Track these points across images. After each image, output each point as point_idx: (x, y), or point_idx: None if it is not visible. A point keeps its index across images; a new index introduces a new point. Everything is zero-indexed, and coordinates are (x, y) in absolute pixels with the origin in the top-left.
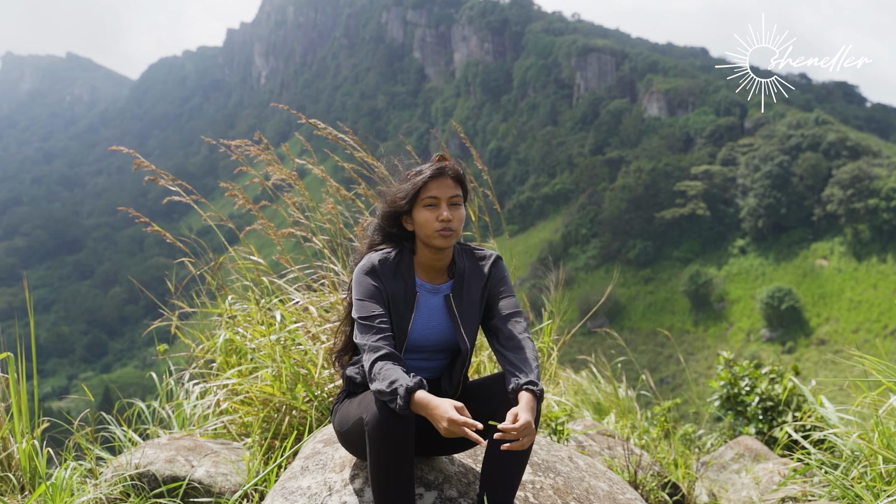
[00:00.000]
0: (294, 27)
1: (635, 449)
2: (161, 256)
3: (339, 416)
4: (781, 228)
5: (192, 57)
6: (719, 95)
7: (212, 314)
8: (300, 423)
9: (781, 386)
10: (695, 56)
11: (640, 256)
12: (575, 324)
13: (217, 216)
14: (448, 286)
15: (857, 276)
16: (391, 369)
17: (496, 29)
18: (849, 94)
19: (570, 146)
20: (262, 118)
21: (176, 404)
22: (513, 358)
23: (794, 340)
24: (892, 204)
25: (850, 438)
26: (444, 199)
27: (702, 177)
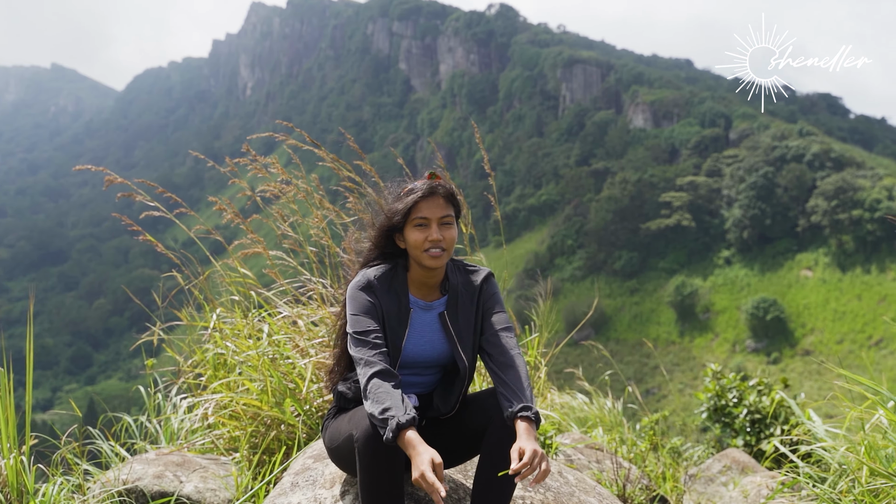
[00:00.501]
0: (280, 38)
1: (623, 462)
2: (146, 268)
3: (330, 433)
4: (766, 239)
5: (177, 68)
6: (704, 107)
7: (197, 327)
8: (288, 438)
9: (769, 398)
10: (680, 67)
11: (625, 267)
12: (561, 335)
13: (204, 228)
14: (441, 303)
15: (842, 286)
16: (386, 392)
17: (482, 40)
18: (832, 105)
19: (556, 157)
20: (247, 129)
21: (164, 419)
22: (505, 379)
23: (780, 351)
24: (875, 215)
25: (838, 452)
26: (435, 220)
27: (687, 188)
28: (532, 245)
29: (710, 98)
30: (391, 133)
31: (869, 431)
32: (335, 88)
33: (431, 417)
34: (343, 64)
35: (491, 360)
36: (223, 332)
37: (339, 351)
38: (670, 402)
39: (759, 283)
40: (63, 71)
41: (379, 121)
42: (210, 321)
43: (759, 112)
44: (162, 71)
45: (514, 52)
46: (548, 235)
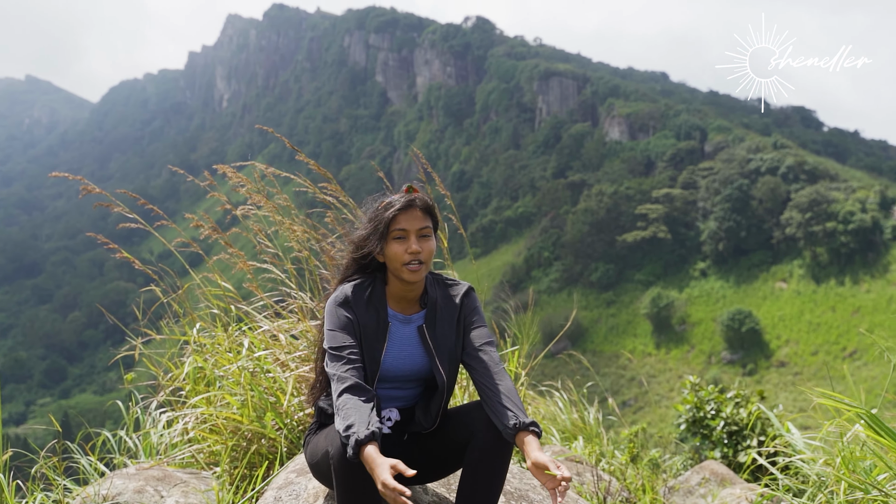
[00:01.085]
0: (256, 50)
1: (604, 475)
2: (121, 281)
3: (311, 448)
4: (741, 251)
5: (153, 80)
6: (680, 119)
7: (174, 341)
8: (269, 452)
9: (746, 410)
10: (655, 80)
11: (602, 279)
12: (538, 347)
13: (184, 240)
14: (420, 316)
15: (816, 298)
16: (352, 408)
17: (458, 53)
18: (806, 118)
19: (533, 169)
20: (223, 141)
21: (143, 433)
22: (498, 392)
23: (755, 363)
24: (849, 227)
25: (816, 464)
26: (413, 232)
27: (663, 200)
28: (509, 257)
29: (686, 111)
30: (368, 145)
31: (847, 443)
32: (312, 101)
33: (414, 432)
34: (320, 76)
35: (477, 374)
36: (203, 346)
37: (320, 366)
38: (646, 414)
39: (734, 295)
40: (37, 83)
41: (356, 133)
42: (190, 335)
43: (735, 125)
44: (137, 83)
45: (490, 65)
46: (524, 247)
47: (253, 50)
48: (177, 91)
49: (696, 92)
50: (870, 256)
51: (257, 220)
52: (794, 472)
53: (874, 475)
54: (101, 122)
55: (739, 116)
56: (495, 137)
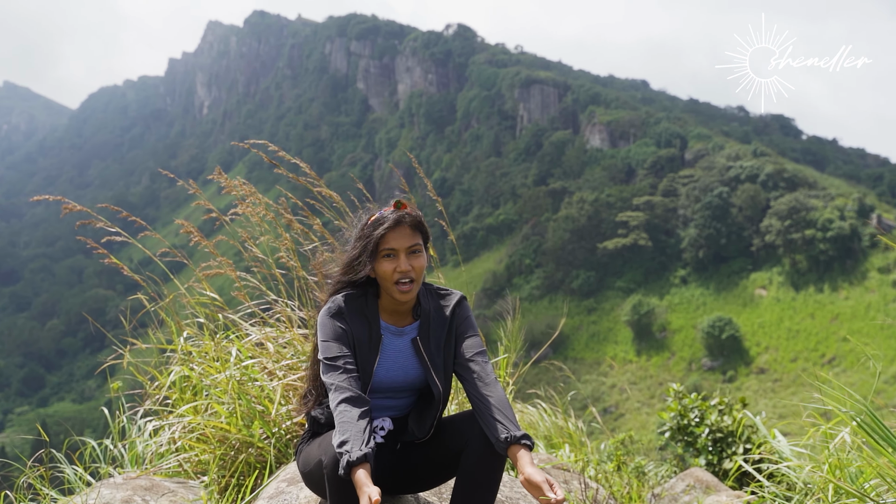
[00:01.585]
0: (237, 57)
1: (591, 483)
2: (100, 288)
3: (303, 457)
4: (721, 258)
5: (132, 86)
6: (660, 127)
7: (164, 349)
8: (258, 461)
9: (731, 418)
10: (636, 88)
11: (583, 286)
12: (520, 354)
13: (167, 249)
14: (413, 328)
15: (795, 305)
16: (349, 422)
17: (440, 60)
18: (785, 126)
19: (514, 177)
20: (204, 148)
21: (129, 442)
22: (490, 404)
23: (735, 369)
24: (828, 235)
25: (804, 471)
26: (403, 250)
27: (643, 207)
28: (490, 264)
29: (666, 118)
30: (349, 152)
31: (833, 450)
32: (293, 108)
33: (407, 441)
34: (301, 83)
35: (469, 385)
36: (190, 354)
37: (312, 377)
38: (627, 421)
39: (714, 302)
40: (16, 89)
41: (337, 140)
42: (177, 343)
43: (714, 133)
44: (117, 89)
45: (471, 72)
46: (506, 255)
47: (234, 57)
48: (157, 98)
49: (677, 100)
50: (848, 264)
51: (243, 226)
52: (779, 479)
53: (861, 481)
54: (80, 128)
55: (719, 124)
56: (476, 145)
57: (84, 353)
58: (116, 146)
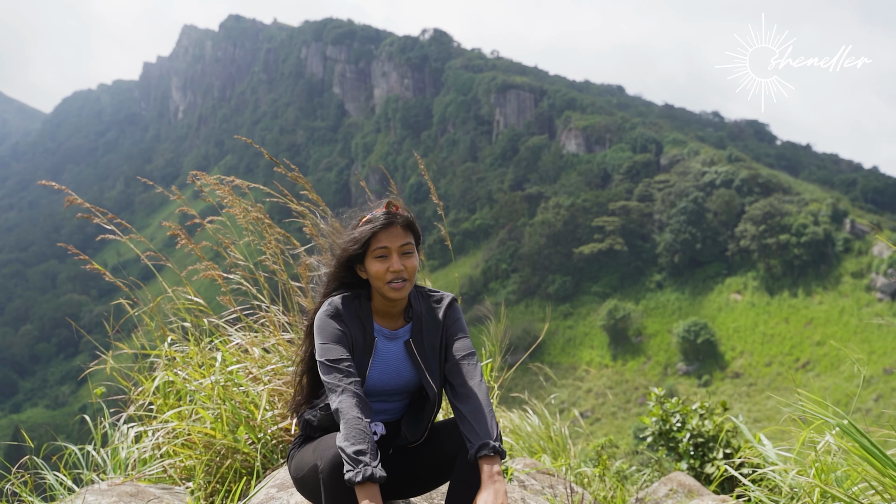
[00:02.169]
0: (212, 61)
1: (576, 487)
2: (74, 293)
3: (296, 462)
4: (697, 263)
5: (107, 90)
6: (636, 132)
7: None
8: (244, 467)
9: (712, 422)
10: (611, 93)
11: (559, 291)
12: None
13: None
14: (406, 330)
15: (770, 310)
16: (363, 430)
17: (416, 65)
18: (760, 132)
19: (490, 182)
20: (179, 153)
21: (112, 448)
22: (465, 413)
23: (710, 374)
24: (802, 239)
25: (790, 475)
26: (395, 249)
27: (619, 212)
28: (466, 269)
29: (642, 124)
30: (325, 157)
31: (818, 454)
32: (269, 112)
33: (399, 445)
34: (276, 88)
35: (451, 390)
36: (174, 359)
37: (302, 381)
38: (603, 426)
39: (689, 307)
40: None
41: (313, 145)
42: (161, 348)
43: (690, 138)
44: (91, 93)
45: (448, 77)
46: (482, 259)
47: (209, 61)
48: (131, 102)
49: (652, 105)
50: (822, 268)
51: (226, 228)
52: (764, 483)
53: (847, 485)
54: (54, 132)
55: (694, 129)
56: (453, 150)
57: (58, 358)
58: (91, 150)
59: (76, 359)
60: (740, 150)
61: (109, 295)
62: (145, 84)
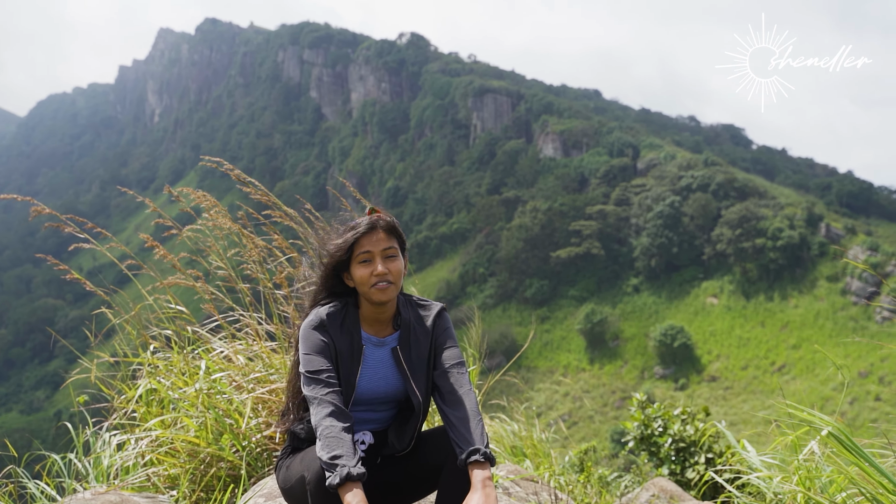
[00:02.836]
0: (188, 65)
1: (560, 494)
2: (49, 298)
3: (284, 473)
4: (673, 267)
5: (82, 94)
6: (612, 136)
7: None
8: (228, 475)
9: (693, 427)
10: (588, 98)
11: (536, 295)
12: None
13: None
14: (394, 338)
15: (746, 313)
16: (337, 438)
17: (393, 69)
18: (736, 136)
19: (467, 186)
20: (155, 156)
21: (95, 457)
22: (454, 420)
23: (687, 377)
24: (777, 243)
25: (774, 481)
26: (378, 253)
27: (596, 216)
28: (444, 273)
29: (618, 128)
30: (302, 161)
31: (802, 460)
32: (245, 116)
33: (387, 455)
34: (253, 91)
35: (440, 398)
36: (157, 367)
37: (292, 393)
38: (580, 430)
39: (666, 311)
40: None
41: (290, 149)
42: (144, 356)
43: (666, 143)
44: (66, 97)
45: (425, 81)
46: (459, 263)
47: (185, 64)
48: (107, 105)
49: (629, 109)
50: (797, 272)
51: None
52: (747, 489)
53: (832, 491)
54: (28, 136)
55: (671, 134)
56: (430, 153)
57: (33, 363)
58: (66, 154)
59: (51, 364)
60: (716, 155)
61: (85, 299)
62: (121, 87)
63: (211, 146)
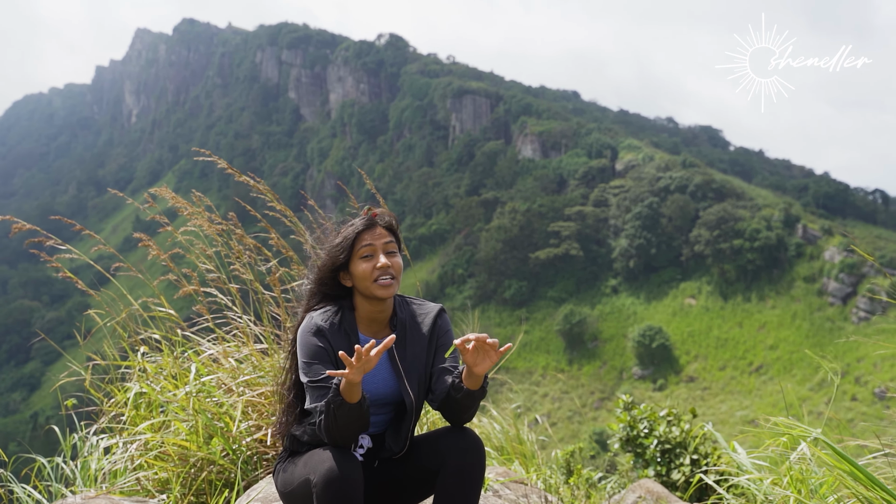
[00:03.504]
0: (166, 65)
1: (549, 496)
2: (25, 299)
3: (283, 477)
4: (652, 268)
5: (58, 94)
6: (591, 138)
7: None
8: (218, 479)
9: (679, 428)
10: (567, 99)
11: (515, 296)
12: None
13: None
14: None
15: (724, 314)
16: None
17: (372, 70)
18: (713, 137)
19: (446, 187)
20: (132, 157)
21: (83, 460)
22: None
23: (665, 378)
24: (755, 244)
25: (764, 483)
26: (380, 247)
27: (575, 217)
28: (423, 274)
29: (597, 129)
30: (280, 162)
31: (793, 462)
32: (223, 117)
33: (385, 458)
34: (231, 92)
35: (439, 396)
36: (146, 370)
37: (289, 400)
38: (559, 430)
39: (644, 312)
40: None
41: (268, 150)
42: (133, 359)
43: (644, 144)
44: (43, 97)
45: (403, 82)
46: (438, 265)
47: (162, 65)
48: (84, 106)
49: (607, 111)
50: (775, 273)
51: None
52: (733, 491)
53: (822, 492)
54: (3, 136)
55: (649, 135)
56: (409, 155)
57: (8, 365)
58: (42, 155)
59: (27, 366)
60: (694, 156)
61: (62, 301)
62: (98, 88)
63: (189, 147)
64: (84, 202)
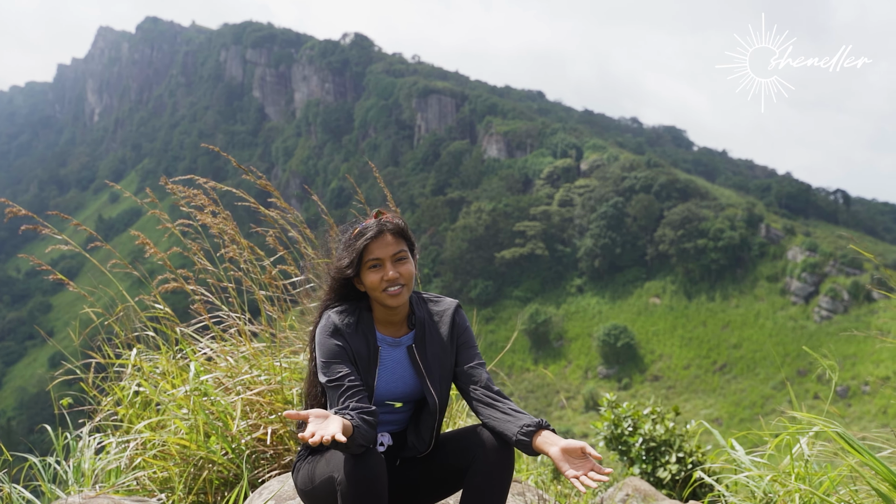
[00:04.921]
0: (129, 64)
1: (545, 495)
2: None
3: (304, 475)
4: (617, 268)
5: (20, 92)
6: (556, 138)
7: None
8: (218, 478)
9: (663, 426)
10: (532, 99)
11: (481, 296)
12: None
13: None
14: (409, 337)
15: (688, 313)
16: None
17: (337, 69)
18: (677, 138)
19: (412, 186)
20: (95, 156)
21: (78, 460)
22: (502, 408)
23: (630, 377)
24: (719, 244)
25: (764, 480)
26: (388, 258)
27: (540, 217)
28: None
29: (562, 129)
30: (245, 161)
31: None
32: (187, 115)
33: (407, 457)
34: (195, 91)
35: (473, 395)
36: (142, 369)
37: (310, 396)
38: None
39: (610, 311)
40: None
41: (233, 149)
42: (129, 357)
43: (609, 144)
44: (3, 95)
45: (369, 82)
46: None
47: (126, 63)
48: (45, 104)
49: (572, 111)
50: (738, 272)
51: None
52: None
53: (824, 489)
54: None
55: (613, 135)
56: (374, 154)
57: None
58: (3, 153)
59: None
60: (658, 156)
61: (23, 301)
62: (60, 86)
63: (153, 146)
64: (46, 201)
